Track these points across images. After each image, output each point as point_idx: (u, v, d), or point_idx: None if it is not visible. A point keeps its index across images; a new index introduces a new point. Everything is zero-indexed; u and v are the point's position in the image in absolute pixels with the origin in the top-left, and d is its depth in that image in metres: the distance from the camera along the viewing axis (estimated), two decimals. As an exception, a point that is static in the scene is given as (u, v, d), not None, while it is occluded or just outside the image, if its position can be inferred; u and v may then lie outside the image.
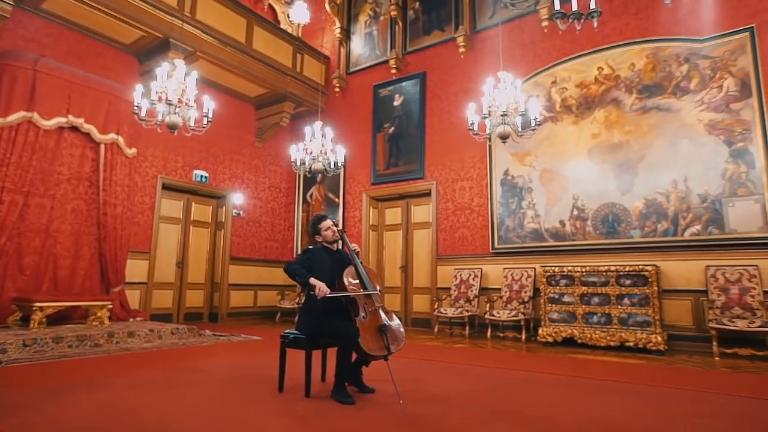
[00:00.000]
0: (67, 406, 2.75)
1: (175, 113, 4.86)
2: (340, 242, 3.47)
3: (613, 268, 5.55)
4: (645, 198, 6.00)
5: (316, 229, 3.37)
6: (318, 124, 6.77)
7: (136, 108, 4.90)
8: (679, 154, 5.84)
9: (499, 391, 3.34)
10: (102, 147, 6.79)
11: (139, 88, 4.92)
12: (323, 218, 3.39)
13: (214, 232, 8.84)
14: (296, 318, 3.00)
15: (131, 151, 7.32)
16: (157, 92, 4.75)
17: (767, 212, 5.26)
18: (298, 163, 6.80)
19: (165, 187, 7.92)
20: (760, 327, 4.74)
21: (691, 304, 5.56)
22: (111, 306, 6.16)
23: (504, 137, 5.05)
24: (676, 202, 5.79)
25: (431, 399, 3.05)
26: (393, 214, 8.77)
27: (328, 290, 3.01)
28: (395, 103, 8.70)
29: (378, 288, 3.27)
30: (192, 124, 5.14)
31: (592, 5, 3.05)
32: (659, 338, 5.09)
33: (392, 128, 8.66)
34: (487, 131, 5.31)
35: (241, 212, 8.95)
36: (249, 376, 3.70)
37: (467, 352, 5.24)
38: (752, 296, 5.12)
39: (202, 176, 8.34)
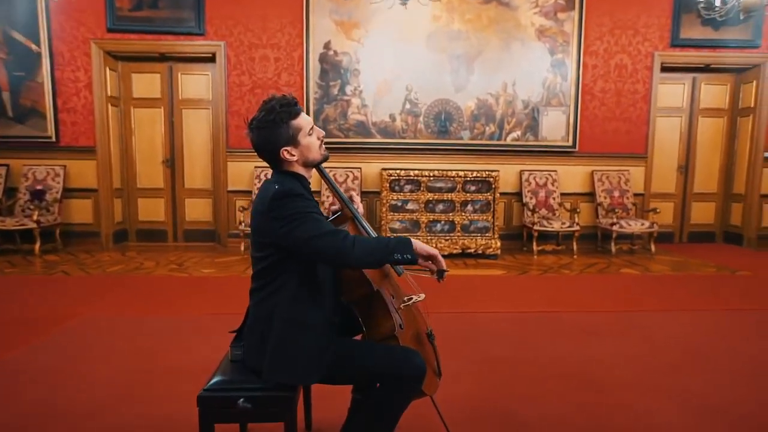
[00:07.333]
0: None
1: None
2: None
3: (461, 174, 5.23)
4: (477, 98, 5.76)
5: (286, 131, 1.38)
6: None
7: None
8: (512, 55, 5.71)
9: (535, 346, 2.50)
10: None
11: None
12: (297, 107, 1.41)
13: None
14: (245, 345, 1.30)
15: None
16: None
17: (570, 123, 5.85)
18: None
19: None
20: (569, 227, 5.42)
21: (504, 205, 5.91)
22: None
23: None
24: (504, 105, 5.78)
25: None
26: (147, 83, 5.93)
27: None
28: None
29: None
30: None
31: None
32: (497, 243, 5.23)
33: (143, -59, 5.45)
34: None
35: None
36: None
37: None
38: (554, 198, 5.79)
39: None
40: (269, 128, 1.37)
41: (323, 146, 1.48)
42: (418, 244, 1.33)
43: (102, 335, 2.84)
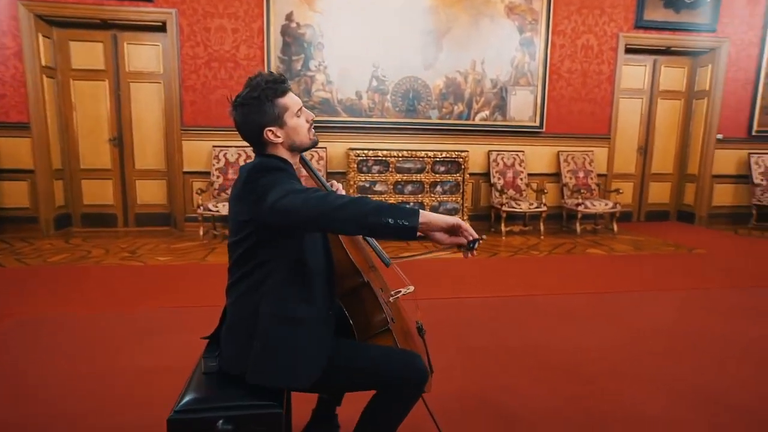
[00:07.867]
0: None
1: None
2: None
3: (431, 154, 5.11)
4: (446, 76, 5.61)
5: (271, 110, 1.21)
6: None
7: None
8: (481, 32, 5.58)
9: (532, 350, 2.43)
10: None
11: None
12: (284, 85, 1.24)
13: None
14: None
15: None
16: None
17: (537, 104, 5.82)
18: None
19: None
20: (536, 208, 5.43)
21: (472, 186, 5.86)
22: None
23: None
24: (472, 84, 5.67)
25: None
26: (88, 53, 5.38)
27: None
28: None
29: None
30: None
31: None
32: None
33: None
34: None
35: None
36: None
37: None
38: (521, 179, 5.79)
39: None
40: (253, 105, 1.21)
41: (312, 130, 1.31)
42: (432, 215, 1.06)
43: (45, 336, 2.54)
